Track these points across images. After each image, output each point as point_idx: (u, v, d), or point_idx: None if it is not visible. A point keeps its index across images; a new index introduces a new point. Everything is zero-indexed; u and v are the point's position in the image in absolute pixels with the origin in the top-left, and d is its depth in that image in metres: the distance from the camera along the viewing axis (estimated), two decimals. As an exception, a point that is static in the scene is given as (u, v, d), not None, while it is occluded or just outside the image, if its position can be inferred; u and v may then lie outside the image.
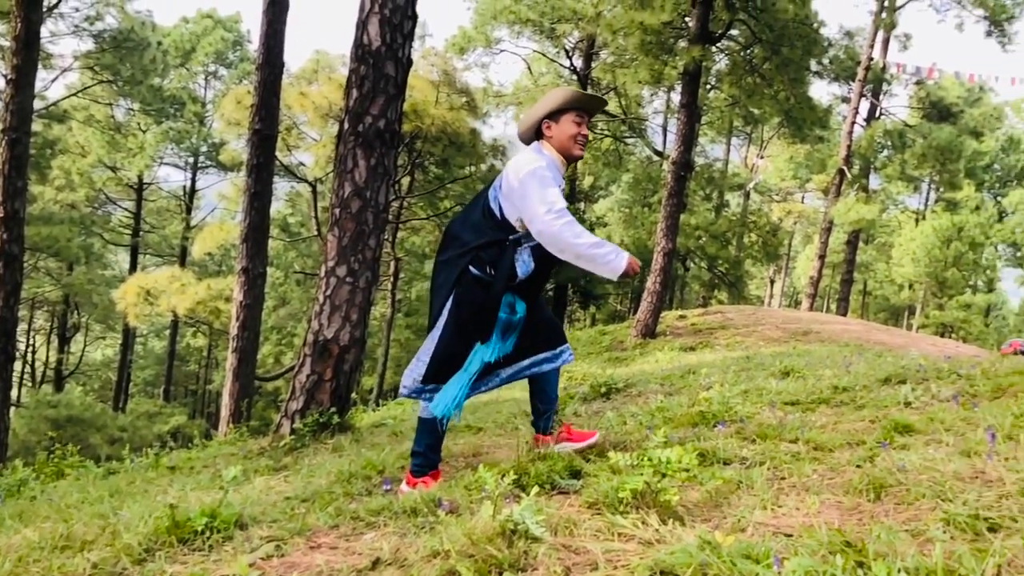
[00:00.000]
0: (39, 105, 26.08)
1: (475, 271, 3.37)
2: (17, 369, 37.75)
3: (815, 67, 21.51)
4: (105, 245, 35.91)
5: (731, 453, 3.23)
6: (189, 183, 36.44)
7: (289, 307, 35.59)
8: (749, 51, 17.81)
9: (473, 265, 3.37)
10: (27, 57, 11.48)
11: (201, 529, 2.56)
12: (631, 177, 33.17)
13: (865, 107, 29.73)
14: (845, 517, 2.31)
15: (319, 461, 4.78)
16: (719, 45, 17.73)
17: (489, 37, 26.41)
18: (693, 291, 40.71)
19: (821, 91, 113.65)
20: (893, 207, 46.51)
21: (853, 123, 28.47)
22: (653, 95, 30.14)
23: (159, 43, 27.68)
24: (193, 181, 36.33)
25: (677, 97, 20.99)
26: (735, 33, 17.68)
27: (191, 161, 35.86)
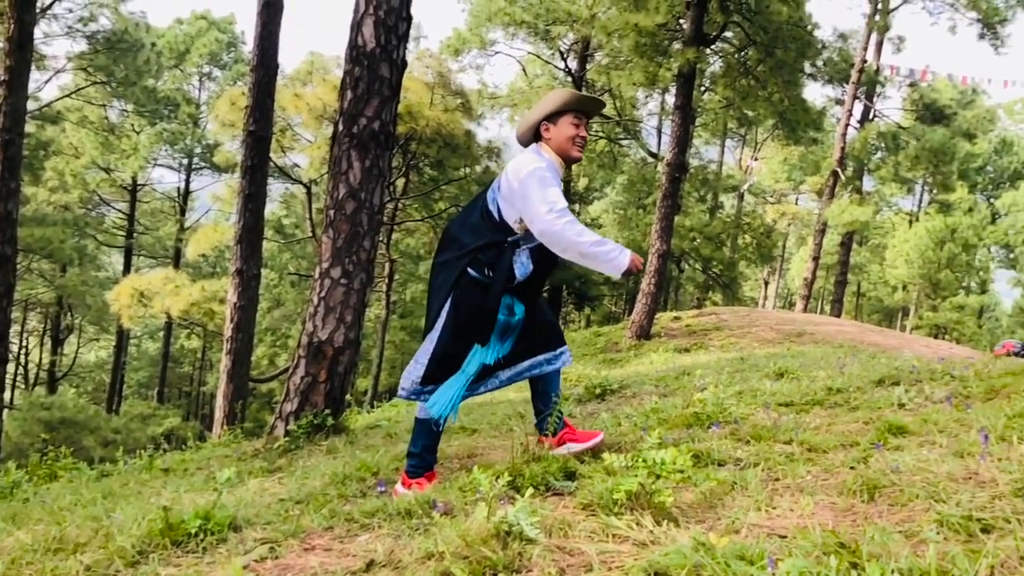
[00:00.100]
0: (32, 106, 26.00)
1: (473, 273, 3.37)
2: (10, 371, 37.56)
3: (809, 69, 21.54)
4: (99, 247, 35.79)
5: (725, 454, 3.23)
6: (183, 184, 36.36)
7: (283, 309, 35.54)
8: (743, 53, 17.85)
9: (472, 267, 3.37)
10: (20, 58, 11.45)
11: (195, 531, 2.56)
12: (626, 179, 33.22)
13: (859, 109, 29.82)
14: (839, 518, 2.32)
15: (313, 463, 4.77)
16: (713, 47, 17.76)
17: (484, 39, 26.43)
18: (688, 292, 40.80)
19: (815, 93, 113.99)
20: (887, 209, 46.64)
21: (847, 125, 28.54)
22: (648, 97, 30.18)
23: (153, 44, 27.64)
24: (187, 182, 36.27)
25: (671, 99, 21.01)
26: (729, 35, 17.72)
27: (185, 162, 35.78)
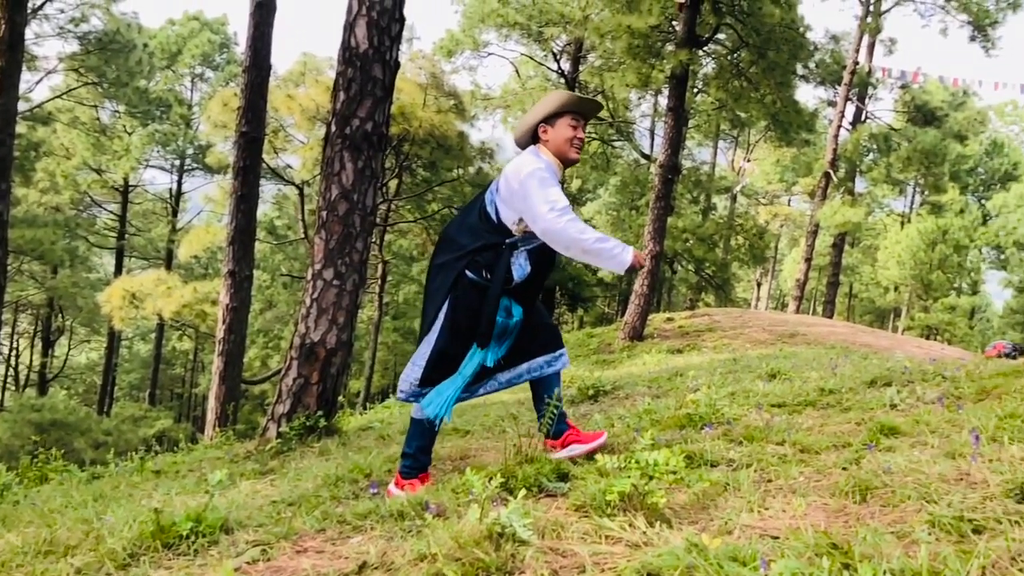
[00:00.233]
0: (23, 107, 25.89)
1: (471, 275, 3.37)
2: (0, 373, 37.48)
3: (801, 71, 21.64)
4: (90, 248, 35.65)
5: (718, 455, 3.23)
6: (175, 186, 36.24)
7: (276, 310, 35.49)
8: (736, 55, 17.89)
9: (469, 269, 3.37)
10: (11, 59, 11.40)
11: (186, 534, 2.55)
12: (619, 180, 33.27)
13: (851, 111, 29.93)
14: (831, 519, 2.32)
15: (306, 465, 4.76)
16: (706, 49, 17.81)
17: (477, 40, 26.43)
18: (680, 294, 40.82)
19: (807, 95, 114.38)
20: (879, 210, 46.84)
21: (839, 127, 28.63)
22: (640, 98, 30.22)
23: (145, 45, 27.51)
24: (179, 184, 36.15)
25: (664, 100, 21.08)
26: (722, 37, 17.76)
27: (177, 163, 35.66)
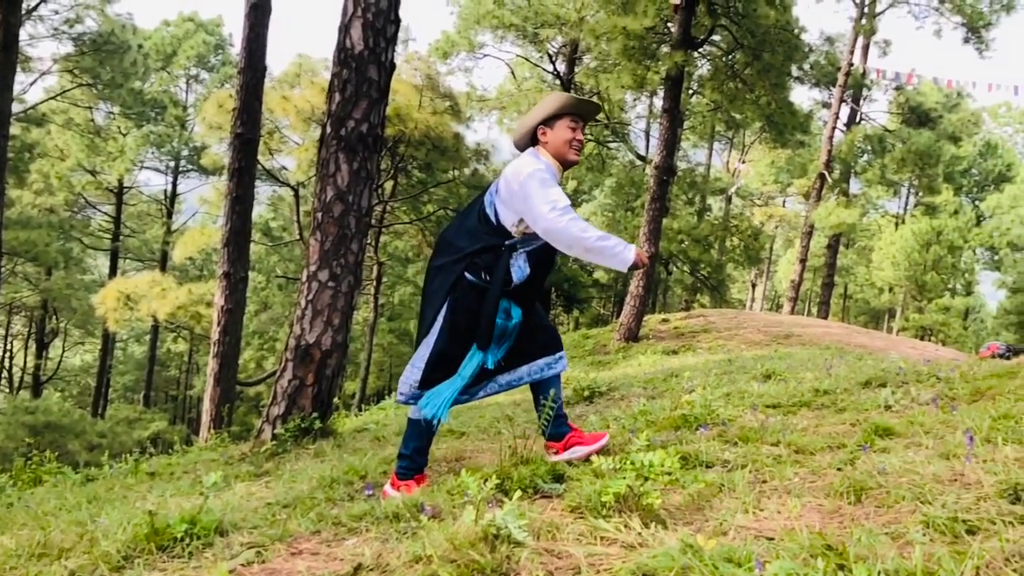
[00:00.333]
0: (17, 108, 25.82)
1: (471, 277, 3.37)
2: (-6, 375, 37.36)
3: (796, 72, 21.69)
4: (84, 250, 35.54)
5: (713, 456, 3.24)
6: (170, 187, 36.20)
7: (271, 312, 35.44)
8: (731, 56, 17.93)
9: (469, 271, 3.37)
10: (5, 60, 11.38)
11: (181, 536, 2.54)
12: (614, 181, 33.31)
13: (845, 112, 30.02)
14: (826, 520, 2.32)
15: (301, 467, 4.75)
16: (701, 50, 17.84)
17: (472, 41, 26.43)
18: (675, 295, 40.91)
19: (802, 96, 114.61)
20: (873, 211, 46.99)
21: (834, 128, 28.71)
22: (636, 100, 30.28)
23: (140, 46, 27.48)
24: (174, 185, 36.10)
25: (660, 102, 21.09)
26: (717, 39, 17.80)
27: (172, 165, 35.62)
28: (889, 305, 46.18)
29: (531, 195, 3.24)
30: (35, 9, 23.13)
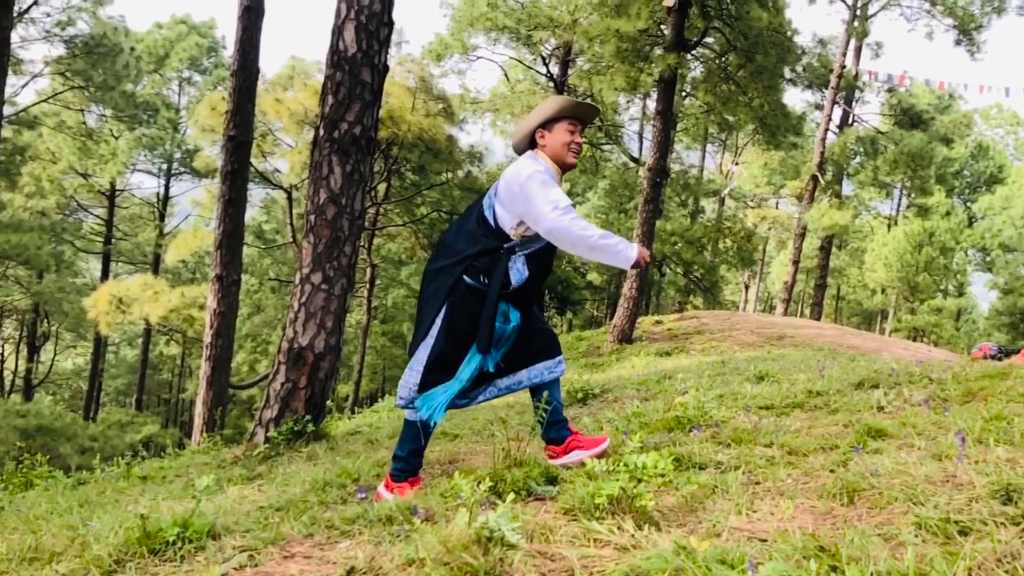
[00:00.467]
0: (9, 111, 25.71)
1: (469, 280, 3.37)
2: (-14, 378, 37.17)
3: (789, 74, 21.74)
4: (76, 253, 35.43)
5: (706, 458, 3.24)
6: (162, 190, 36.07)
7: (264, 314, 35.34)
8: (724, 59, 17.97)
9: (467, 274, 3.37)
10: (-4, 62, 11.33)
11: (173, 539, 2.53)
12: (607, 183, 33.32)
13: (838, 114, 30.11)
14: (819, 521, 2.33)
15: (293, 470, 4.74)
16: (694, 53, 17.88)
17: (466, 44, 26.45)
18: (669, 296, 40.94)
19: (795, 98, 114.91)
20: (866, 213, 47.10)
21: (826, 130, 28.79)
22: (629, 102, 30.37)
23: (132, 49, 27.42)
24: (167, 188, 35.98)
25: (653, 104, 21.14)
26: (710, 41, 17.84)
27: (164, 167, 35.50)
28: (882, 306, 46.32)
29: (532, 196, 3.25)
30: (27, 11, 23.05)
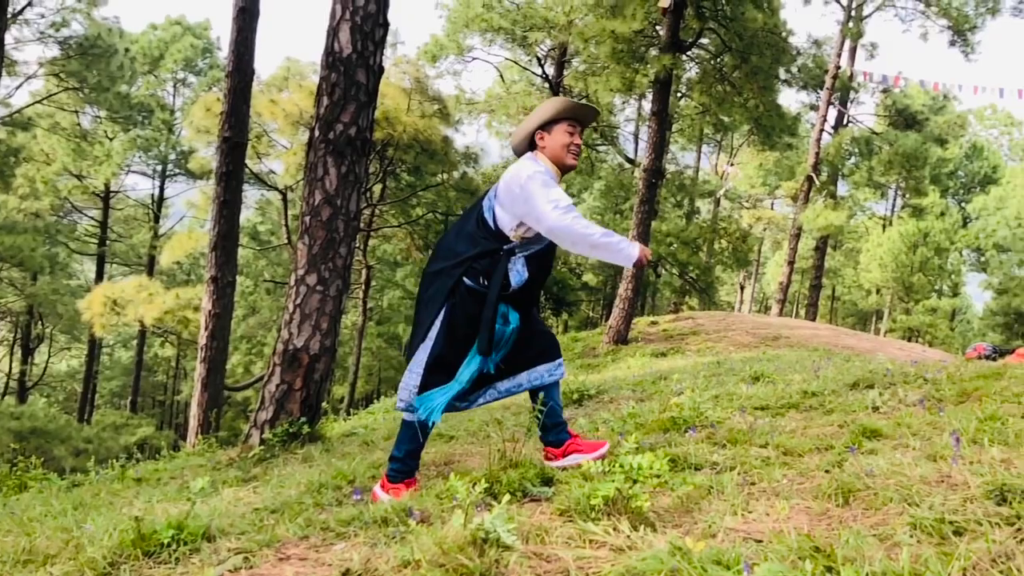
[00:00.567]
0: (3, 112, 25.68)
1: (469, 282, 3.37)
2: (-20, 381, 37.04)
3: (784, 75, 21.77)
4: (70, 254, 35.28)
5: (702, 458, 3.24)
6: (157, 191, 36.00)
7: (259, 316, 35.29)
8: (719, 59, 17.99)
9: (467, 276, 3.37)
10: (-10, 63, 11.30)
11: (167, 542, 2.52)
12: (603, 184, 33.40)
13: (833, 115, 30.19)
14: (814, 522, 2.33)
15: (289, 471, 4.73)
16: (690, 53, 17.90)
17: (461, 45, 26.45)
18: (664, 297, 40.97)
19: (790, 99, 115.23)
20: (860, 213, 47.15)
21: (821, 130, 28.84)
22: (624, 103, 30.35)
23: (127, 50, 27.34)
24: (161, 189, 35.91)
25: (648, 105, 21.16)
26: (705, 42, 17.86)
27: (159, 169, 35.43)
28: (877, 307, 46.41)
29: (533, 196, 3.26)
30: (20, 13, 22.99)
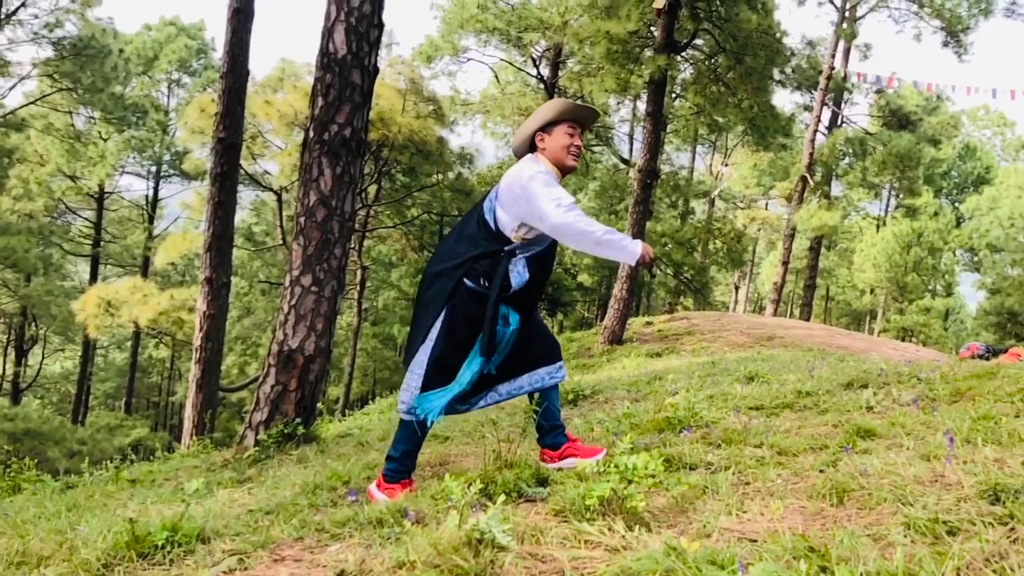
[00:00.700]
0: (-4, 113, 25.61)
1: (470, 283, 3.37)
2: (-27, 382, 36.90)
3: (778, 76, 21.78)
4: (64, 255, 35.21)
5: (697, 459, 3.24)
6: (151, 192, 35.92)
7: (254, 317, 35.25)
8: (713, 60, 18.00)
9: (468, 277, 3.37)
10: (-17, 64, 11.25)
11: (162, 543, 2.52)
12: (598, 185, 33.41)
13: (827, 115, 30.19)
14: (809, 522, 2.33)
15: (284, 473, 4.73)
16: (684, 54, 17.91)
17: (456, 46, 26.46)
18: (659, 297, 41.03)
19: (784, 100, 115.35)
20: (854, 213, 47.25)
21: (815, 131, 28.88)
22: (619, 104, 30.34)
23: (121, 50, 27.27)
24: (156, 190, 35.84)
25: (643, 106, 21.16)
26: (700, 43, 17.87)
27: (154, 170, 35.36)
28: (871, 306, 46.50)
29: (535, 195, 3.26)
30: (14, 13, 22.93)
